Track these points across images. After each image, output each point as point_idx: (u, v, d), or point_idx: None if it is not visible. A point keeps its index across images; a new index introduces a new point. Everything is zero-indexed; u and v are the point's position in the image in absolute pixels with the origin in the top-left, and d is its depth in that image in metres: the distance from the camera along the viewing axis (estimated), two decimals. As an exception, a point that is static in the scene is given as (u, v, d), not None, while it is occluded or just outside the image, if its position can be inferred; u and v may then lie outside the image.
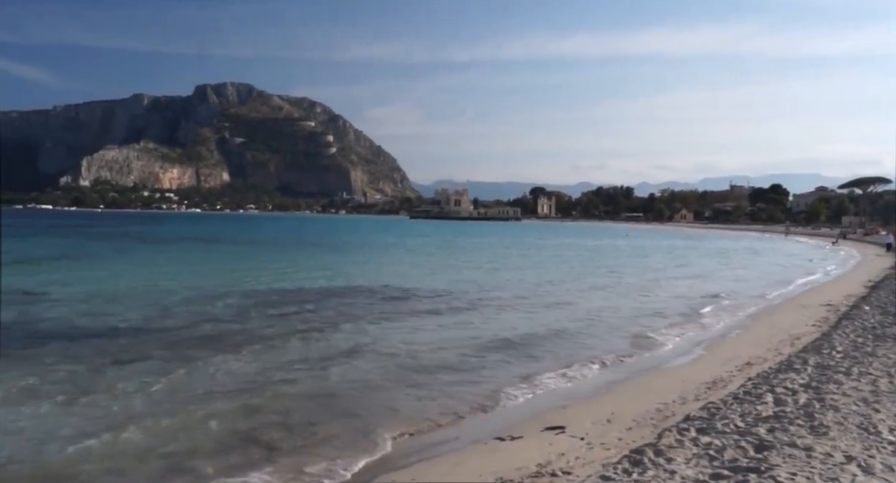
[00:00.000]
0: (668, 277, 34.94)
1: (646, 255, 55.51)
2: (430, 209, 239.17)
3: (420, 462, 8.46)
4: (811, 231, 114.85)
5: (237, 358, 13.61)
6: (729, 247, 71.03)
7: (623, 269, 40.24)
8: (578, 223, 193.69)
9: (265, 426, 9.59)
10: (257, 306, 21.33)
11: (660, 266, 43.97)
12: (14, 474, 7.79)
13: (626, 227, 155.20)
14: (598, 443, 8.52)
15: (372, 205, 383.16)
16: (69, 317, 18.33)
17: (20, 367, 12.24)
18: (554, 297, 25.57)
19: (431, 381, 12.41)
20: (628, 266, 43.36)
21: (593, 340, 16.82)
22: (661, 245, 74.88)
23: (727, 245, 75.00)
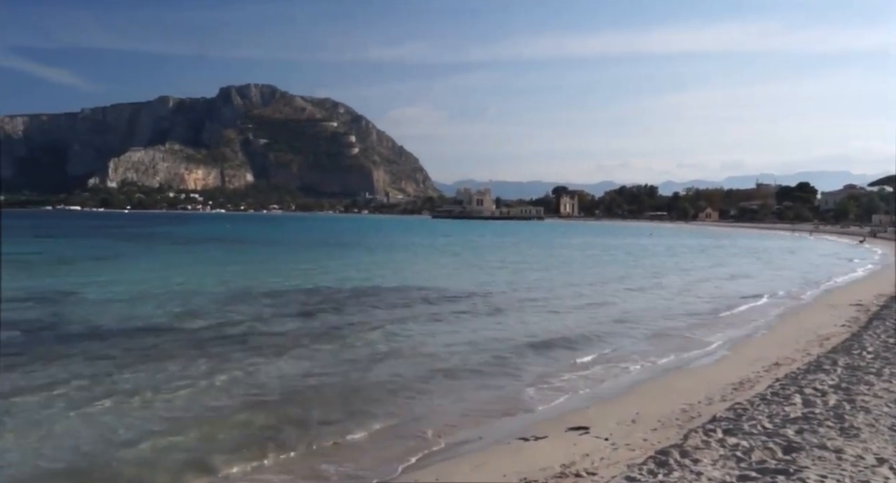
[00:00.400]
0: (703, 278, 34.00)
1: (675, 255, 54.68)
2: (452, 209, 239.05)
3: (443, 462, 8.46)
4: (839, 230, 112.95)
5: (264, 358, 13.71)
6: (760, 246, 70.09)
7: (645, 267, 39.94)
8: (601, 222, 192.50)
9: (289, 426, 9.63)
10: (284, 306, 21.51)
11: (691, 265, 43.50)
12: (45, 471, 7.92)
13: (650, 226, 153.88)
14: (622, 443, 8.46)
15: (394, 205, 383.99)
16: (99, 317, 18.59)
17: (52, 367, 12.47)
18: (584, 298, 25.32)
19: (455, 381, 12.41)
20: (659, 266, 42.82)
21: (621, 341, 16.68)
22: (690, 244, 73.94)
23: (758, 244, 73.98)
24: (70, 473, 7.88)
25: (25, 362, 12.76)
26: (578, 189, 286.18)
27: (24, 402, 10.26)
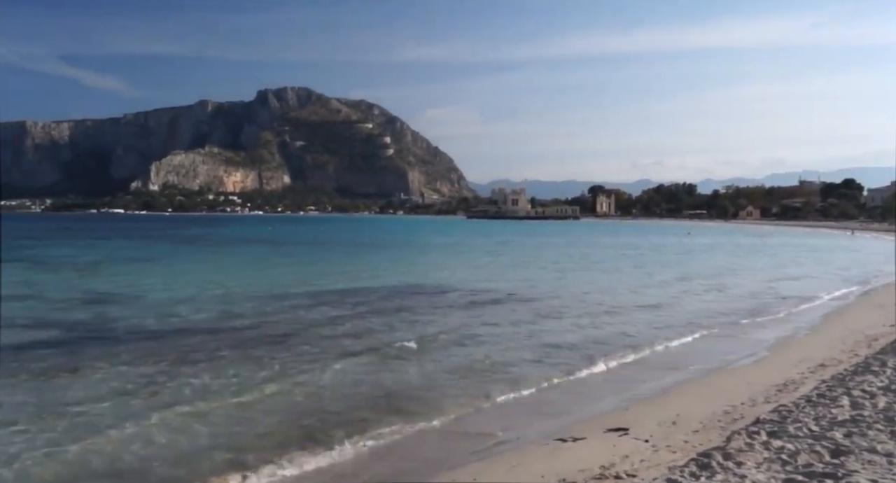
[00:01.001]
0: (771, 278, 32.88)
1: (736, 255, 52.84)
2: (487, 209, 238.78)
3: (479, 462, 8.43)
4: (886, 227, 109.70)
5: (306, 358, 13.84)
6: (805, 244, 68.53)
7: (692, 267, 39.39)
8: (639, 221, 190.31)
9: (329, 426, 9.69)
10: (324, 306, 21.66)
11: (741, 264, 42.61)
12: (91, 468, 8.10)
13: (689, 224, 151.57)
14: (663, 445, 8.33)
15: (429, 205, 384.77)
16: (144, 318, 18.99)
17: (98, 367, 12.75)
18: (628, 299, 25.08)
19: (494, 379, 12.36)
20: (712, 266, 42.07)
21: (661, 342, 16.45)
22: (742, 243, 72.48)
23: (802, 242, 72.34)
24: (114, 470, 8.05)
25: (73, 362, 13.07)
26: (615, 188, 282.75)
27: (73, 401, 10.51)
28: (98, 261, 41.05)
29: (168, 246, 61.64)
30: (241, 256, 49.92)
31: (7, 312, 19.26)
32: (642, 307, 22.25)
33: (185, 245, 63.96)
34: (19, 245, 58.81)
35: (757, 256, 50.89)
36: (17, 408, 10.13)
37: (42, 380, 11.70)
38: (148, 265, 38.69)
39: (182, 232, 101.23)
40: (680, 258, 49.14)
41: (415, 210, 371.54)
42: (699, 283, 30.44)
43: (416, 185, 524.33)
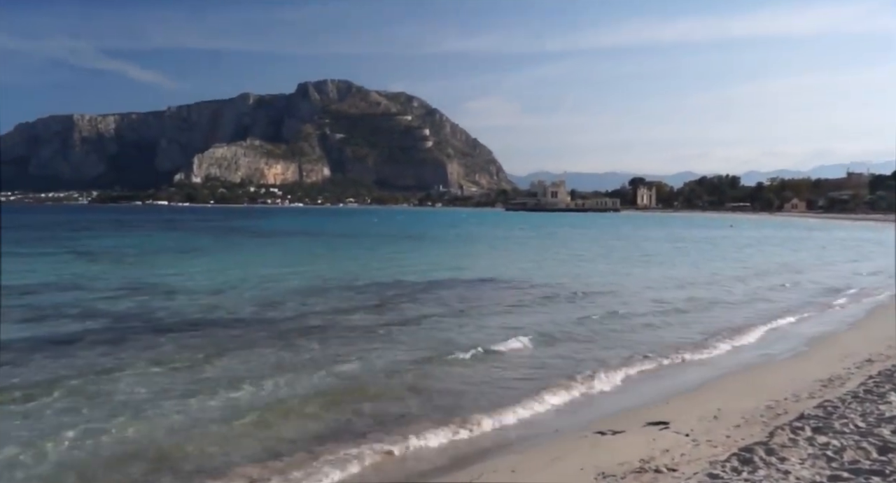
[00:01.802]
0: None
1: (797, 249, 51.40)
2: (526, 201, 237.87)
3: (518, 454, 8.43)
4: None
5: (343, 349, 13.98)
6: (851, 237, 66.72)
7: (758, 261, 38.65)
8: (680, 214, 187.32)
9: (364, 417, 9.79)
10: (363, 298, 21.83)
11: (832, 258, 41.39)
12: (132, 450, 8.33)
13: (732, 217, 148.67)
14: (704, 439, 8.23)
15: (468, 197, 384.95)
16: (186, 307, 19.41)
17: (142, 355, 13.10)
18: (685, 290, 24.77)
19: (536, 372, 12.33)
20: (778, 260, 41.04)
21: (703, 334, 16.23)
22: (791, 236, 70.83)
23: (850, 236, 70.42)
24: (154, 453, 8.26)
25: (118, 350, 13.44)
26: (656, 180, 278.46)
27: (117, 387, 10.82)
28: (143, 252, 42.06)
29: (211, 237, 62.76)
30: (286, 248, 50.55)
31: (55, 302, 19.88)
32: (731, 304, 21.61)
33: (228, 237, 65.06)
34: (68, 236, 60.66)
35: (836, 250, 49.30)
36: (66, 394, 10.45)
37: (89, 367, 12.02)
38: (192, 256, 39.43)
39: (224, 224, 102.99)
40: (744, 252, 47.69)
41: (453, 202, 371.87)
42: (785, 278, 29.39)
43: (454, 177, 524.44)
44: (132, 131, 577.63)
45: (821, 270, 33.17)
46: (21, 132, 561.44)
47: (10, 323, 16.21)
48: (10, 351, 13.17)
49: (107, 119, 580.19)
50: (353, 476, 7.82)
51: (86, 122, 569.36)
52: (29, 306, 18.87)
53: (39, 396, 10.22)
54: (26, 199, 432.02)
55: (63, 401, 10.08)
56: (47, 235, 60.96)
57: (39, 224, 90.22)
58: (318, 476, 7.67)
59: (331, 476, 7.71)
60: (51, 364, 12.18)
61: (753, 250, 49.42)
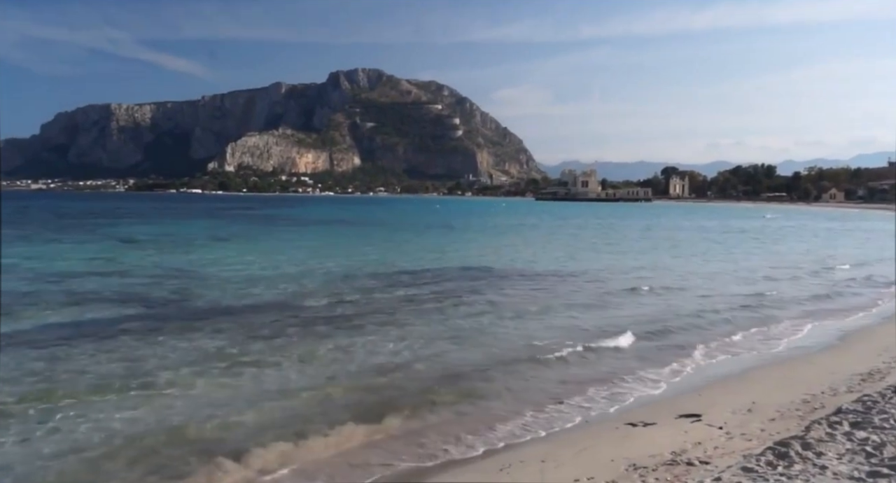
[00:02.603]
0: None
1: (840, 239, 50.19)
2: (556, 190, 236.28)
3: (547, 443, 8.42)
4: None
5: (373, 336, 14.07)
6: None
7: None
8: (714, 204, 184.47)
9: (390, 401, 9.86)
10: (392, 286, 21.92)
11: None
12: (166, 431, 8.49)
13: (767, 207, 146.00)
14: (738, 433, 8.12)
15: (498, 186, 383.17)
16: (220, 294, 19.69)
17: (178, 340, 13.33)
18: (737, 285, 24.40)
19: (564, 363, 12.27)
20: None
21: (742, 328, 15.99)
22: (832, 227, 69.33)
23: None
24: (189, 436, 8.42)
25: (155, 335, 13.69)
26: (689, 169, 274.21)
27: (153, 371, 11.03)
28: (179, 239, 42.70)
29: (245, 225, 63.51)
30: (311, 236, 50.94)
31: (95, 287, 20.33)
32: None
33: (262, 225, 65.77)
34: (107, 223, 61.97)
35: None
36: (103, 375, 10.73)
37: (125, 351, 12.30)
38: (226, 244, 39.96)
39: (258, 212, 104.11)
40: (812, 243, 46.60)
41: (483, 191, 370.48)
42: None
43: (484, 166, 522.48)
44: (167, 120, 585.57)
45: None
46: (61, 121, 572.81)
47: (52, 308, 16.62)
48: (53, 335, 13.50)
49: (143, 108, 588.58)
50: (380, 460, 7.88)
51: (123, 112, 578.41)
52: (69, 292, 19.32)
53: (77, 379, 10.50)
54: (66, 186, 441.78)
55: (98, 382, 10.33)
56: (87, 223, 62.33)
57: (80, 211, 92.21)
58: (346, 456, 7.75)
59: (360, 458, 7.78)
60: (90, 348, 12.44)
61: (812, 241, 48.32)
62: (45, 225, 57.22)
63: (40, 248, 33.26)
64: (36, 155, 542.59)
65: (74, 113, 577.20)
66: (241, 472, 7.54)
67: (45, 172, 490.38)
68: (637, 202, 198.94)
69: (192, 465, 7.60)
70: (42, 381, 10.37)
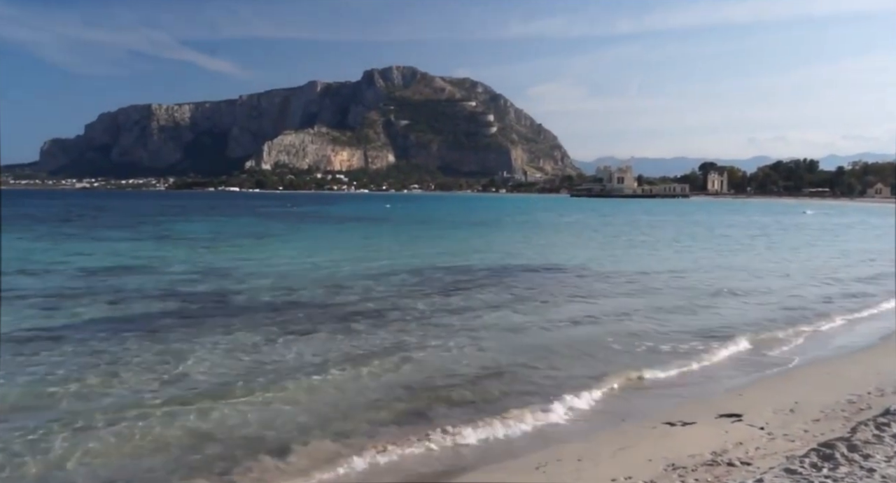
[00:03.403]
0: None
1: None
2: (591, 187, 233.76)
3: (584, 442, 8.35)
4: None
5: (407, 334, 14.15)
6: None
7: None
8: (753, 200, 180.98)
9: (427, 398, 9.90)
10: (430, 283, 22.00)
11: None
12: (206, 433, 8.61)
13: (809, 203, 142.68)
14: (780, 433, 7.95)
15: (532, 183, 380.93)
16: (254, 291, 19.95)
17: (216, 336, 13.56)
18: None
19: (601, 360, 12.20)
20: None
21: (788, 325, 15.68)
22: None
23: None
24: (226, 433, 8.53)
25: (194, 331, 13.94)
26: (728, 165, 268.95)
27: (190, 366, 11.26)
28: (218, 237, 43.42)
29: (283, 223, 64.28)
30: (348, 233, 51.33)
31: (137, 284, 20.75)
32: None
33: (298, 222, 66.50)
34: (150, 221, 63.34)
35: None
36: (144, 371, 10.97)
37: (165, 346, 12.55)
38: (264, 241, 40.48)
39: (294, 209, 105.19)
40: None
41: (517, 188, 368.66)
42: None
43: (518, 163, 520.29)
44: (206, 120, 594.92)
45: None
46: (104, 121, 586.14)
47: (97, 304, 17.05)
48: (97, 329, 13.85)
49: (182, 108, 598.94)
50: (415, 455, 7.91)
51: (163, 111, 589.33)
52: (112, 288, 19.79)
53: (122, 372, 10.76)
54: (108, 185, 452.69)
55: (139, 376, 10.58)
56: (131, 221, 63.79)
57: (123, 209, 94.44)
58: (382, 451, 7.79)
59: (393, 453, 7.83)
60: (133, 343, 12.74)
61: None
62: (91, 223, 58.77)
63: (87, 246, 34.23)
64: (81, 155, 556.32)
65: (117, 113, 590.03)
66: (285, 472, 7.57)
67: (88, 171, 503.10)
68: (674, 198, 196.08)
69: (237, 463, 7.68)
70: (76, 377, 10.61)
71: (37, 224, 54.50)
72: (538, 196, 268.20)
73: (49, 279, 21.68)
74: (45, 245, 34.38)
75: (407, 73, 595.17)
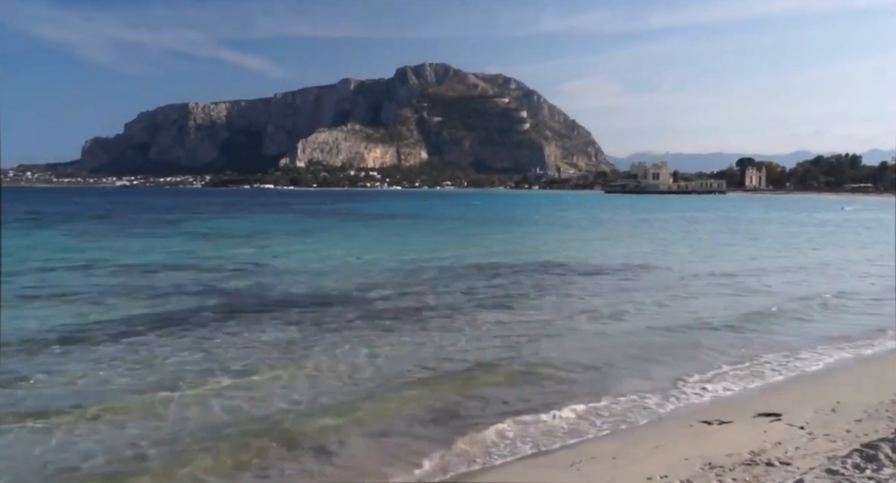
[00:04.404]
0: None
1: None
2: (625, 183, 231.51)
3: (620, 440, 8.27)
4: None
5: (441, 331, 14.15)
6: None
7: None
8: (791, 195, 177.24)
9: (463, 398, 9.87)
10: (461, 280, 21.96)
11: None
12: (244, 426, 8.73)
13: (851, 199, 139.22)
14: (821, 433, 7.79)
15: (565, 180, 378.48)
16: (292, 287, 20.16)
17: (251, 331, 13.76)
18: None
19: (641, 360, 12.05)
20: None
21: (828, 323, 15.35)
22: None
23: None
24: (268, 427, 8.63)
25: (229, 327, 14.16)
26: (766, 160, 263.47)
27: (227, 360, 11.42)
28: (253, 233, 43.97)
29: (318, 220, 64.88)
30: (380, 230, 51.55)
31: (175, 280, 21.11)
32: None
33: (332, 219, 67.05)
34: (186, 218, 64.44)
35: None
36: (181, 363, 11.20)
37: (199, 342, 12.75)
38: (298, 238, 40.87)
39: (329, 206, 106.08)
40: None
41: (550, 185, 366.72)
42: None
43: (552, 159, 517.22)
44: (241, 118, 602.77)
45: None
46: (143, 120, 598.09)
47: (134, 299, 17.43)
48: (137, 325, 14.13)
49: (219, 107, 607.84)
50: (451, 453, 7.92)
51: (200, 110, 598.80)
52: (151, 285, 20.17)
53: (158, 367, 10.99)
54: (147, 183, 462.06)
55: (178, 369, 10.78)
56: (169, 218, 65.05)
57: (161, 207, 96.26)
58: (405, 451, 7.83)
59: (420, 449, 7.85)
60: (172, 338, 12.99)
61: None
62: (132, 220, 60.06)
63: (128, 243, 35.10)
64: (121, 153, 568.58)
65: (155, 112, 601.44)
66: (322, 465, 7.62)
67: (128, 169, 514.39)
68: (710, 195, 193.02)
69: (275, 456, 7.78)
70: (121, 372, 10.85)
71: (79, 221, 55.94)
72: (571, 192, 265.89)
73: (90, 275, 22.25)
74: (85, 241, 35.31)
75: (440, 69, 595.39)
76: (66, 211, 74.72)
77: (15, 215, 56.98)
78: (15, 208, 71.09)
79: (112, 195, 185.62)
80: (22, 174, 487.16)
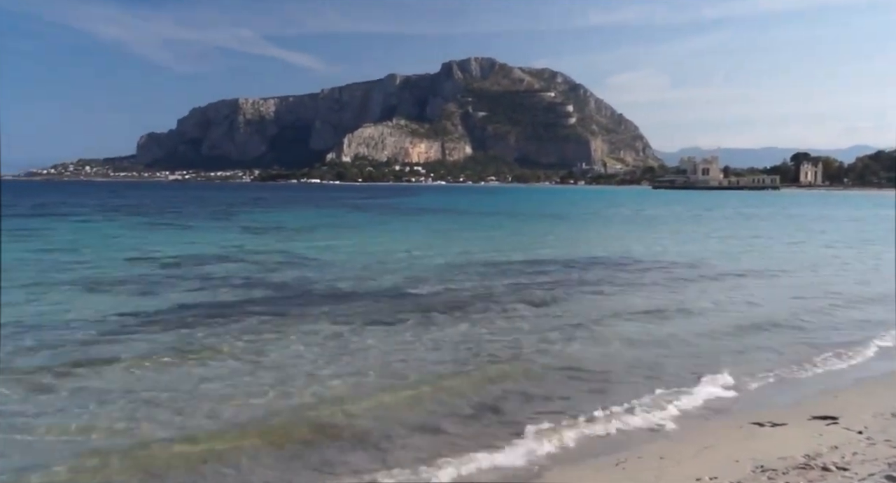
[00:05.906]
0: None
1: None
2: (674, 179, 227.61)
3: (668, 441, 8.11)
4: None
5: (489, 326, 14.10)
6: None
7: None
8: (849, 191, 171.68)
9: (506, 394, 9.80)
10: (510, 275, 21.80)
11: None
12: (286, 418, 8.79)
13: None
14: (881, 439, 7.50)
15: (612, 175, 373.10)
16: (338, 280, 20.30)
17: (299, 325, 13.88)
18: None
19: (688, 358, 11.82)
20: None
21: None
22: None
23: None
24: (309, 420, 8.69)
25: (277, 319, 14.32)
26: (823, 155, 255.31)
27: (273, 353, 11.58)
28: (301, 227, 44.64)
29: (364, 214, 65.47)
30: (426, 224, 51.70)
31: (223, 273, 21.47)
32: None
33: (377, 213, 67.56)
34: (236, 211, 65.90)
35: None
36: (226, 358, 11.34)
37: (249, 334, 12.91)
38: (345, 231, 41.33)
39: (375, 201, 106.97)
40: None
41: (596, 180, 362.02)
42: None
43: (598, 154, 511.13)
44: (289, 113, 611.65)
45: None
46: (195, 116, 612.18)
47: (186, 291, 17.86)
48: (187, 315, 14.47)
49: (267, 102, 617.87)
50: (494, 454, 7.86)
51: (249, 106, 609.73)
52: (200, 276, 20.63)
53: (206, 359, 11.20)
54: (199, 177, 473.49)
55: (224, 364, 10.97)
56: (220, 211, 66.61)
57: (213, 200, 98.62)
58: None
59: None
60: (218, 329, 13.22)
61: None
62: (185, 214, 61.63)
63: (180, 234, 36.08)
64: (174, 148, 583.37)
65: (206, 108, 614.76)
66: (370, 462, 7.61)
67: (181, 164, 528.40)
68: (763, 190, 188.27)
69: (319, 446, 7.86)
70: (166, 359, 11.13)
71: (137, 215, 57.69)
72: (618, 188, 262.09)
73: (143, 266, 22.89)
74: (141, 234, 36.42)
75: (485, 64, 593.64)
76: (126, 204, 77.12)
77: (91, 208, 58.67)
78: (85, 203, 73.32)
79: (167, 189, 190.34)
80: (81, 168, 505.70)
